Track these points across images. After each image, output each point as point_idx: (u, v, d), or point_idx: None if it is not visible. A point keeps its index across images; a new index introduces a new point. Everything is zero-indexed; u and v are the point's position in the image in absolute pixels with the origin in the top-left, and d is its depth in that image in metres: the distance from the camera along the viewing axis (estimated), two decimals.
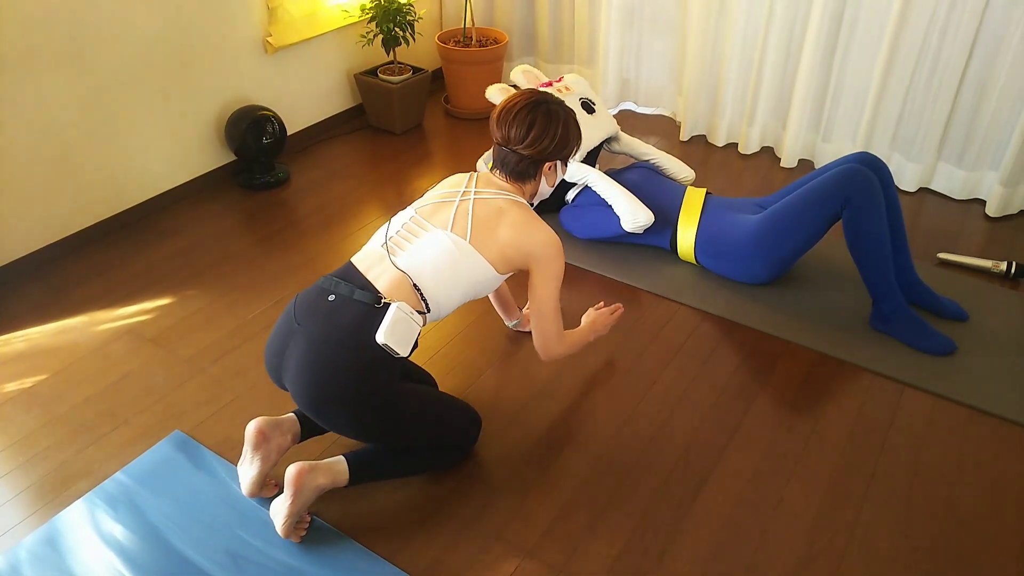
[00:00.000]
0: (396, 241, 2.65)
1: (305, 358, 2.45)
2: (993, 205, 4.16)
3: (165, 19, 3.93)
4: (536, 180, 2.77)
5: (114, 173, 3.97)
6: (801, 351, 3.30)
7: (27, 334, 3.39)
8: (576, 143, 2.79)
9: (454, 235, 2.60)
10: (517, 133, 2.65)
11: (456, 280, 2.60)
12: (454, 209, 2.66)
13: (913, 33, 4.07)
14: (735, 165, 4.75)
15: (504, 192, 2.70)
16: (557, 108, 2.70)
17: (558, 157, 2.75)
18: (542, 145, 2.66)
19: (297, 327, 2.50)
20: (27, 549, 2.52)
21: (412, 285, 2.55)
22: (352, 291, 2.51)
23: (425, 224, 2.66)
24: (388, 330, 2.41)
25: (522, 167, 2.71)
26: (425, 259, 2.58)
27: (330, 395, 2.44)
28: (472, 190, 2.71)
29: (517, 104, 2.68)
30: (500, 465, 2.81)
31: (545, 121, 2.65)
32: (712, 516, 2.63)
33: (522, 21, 5.53)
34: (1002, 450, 2.86)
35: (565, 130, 2.71)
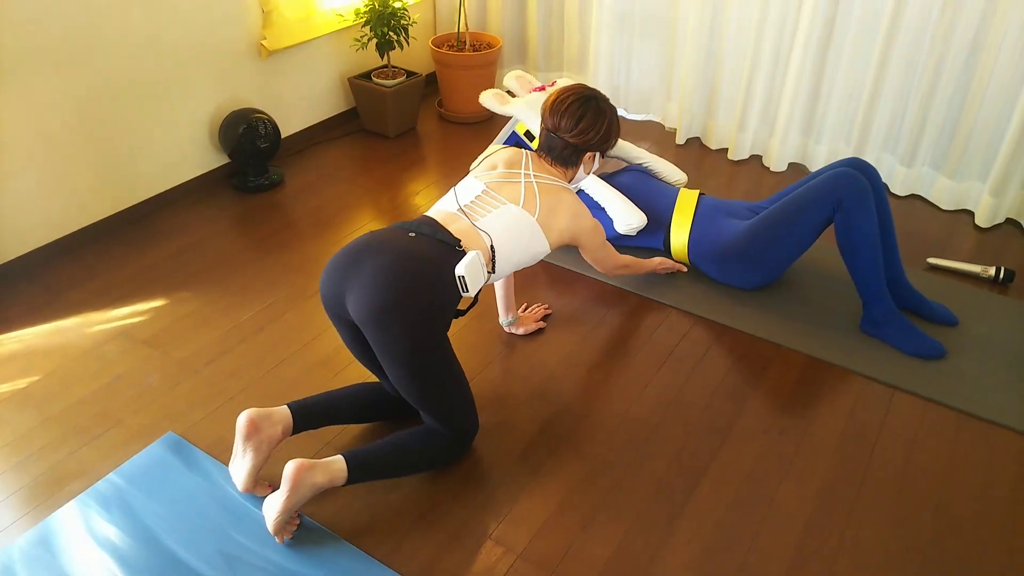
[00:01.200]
0: (472, 207, 2.83)
1: (384, 268, 2.53)
2: (982, 216, 4.18)
3: (160, 22, 3.94)
4: (577, 167, 3.01)
5: (109, 175, 3.98)
6: (792, 355, 3.32)
7: (21, 335, 3.40)
8: (616, 138, 3.03)
9: (525, 211, 2.82)
10: (568, 123, 2.89)
11: (520, 249, 2.82)
12: (522, 188, 2.88)
13: (904, 41, 4.10)
14: (729, 168, 4.76)
15: (556, 178, 2.95)
16: (605, 105, 2.96)
17: (599, 149, 3.00)
18: (588, 136, 2.91)
19: (375, 246, 2.62)
20: (20, 550, 2.52)
21: (489, 245, 2.74)
22: (435, 232, 2.69)
23: (499, 197, 2.85)
24: (468, 266, 2.58)
25: (566, 153, 2.96)
26: (501, 227, 2.78)
27: (401, 306, 2.49)
28: (532, 172, 2.93)
29: (571, 96, 2.92)
30: (493, 466, 2.82)
31: (594, 115, 2.91)
32: (705, 518, 2.64)
33: (513, 28, 5.54)
34: (992, 453, 2.87)
35: (609, 126, 2.96)
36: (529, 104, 3.92)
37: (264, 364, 3.26)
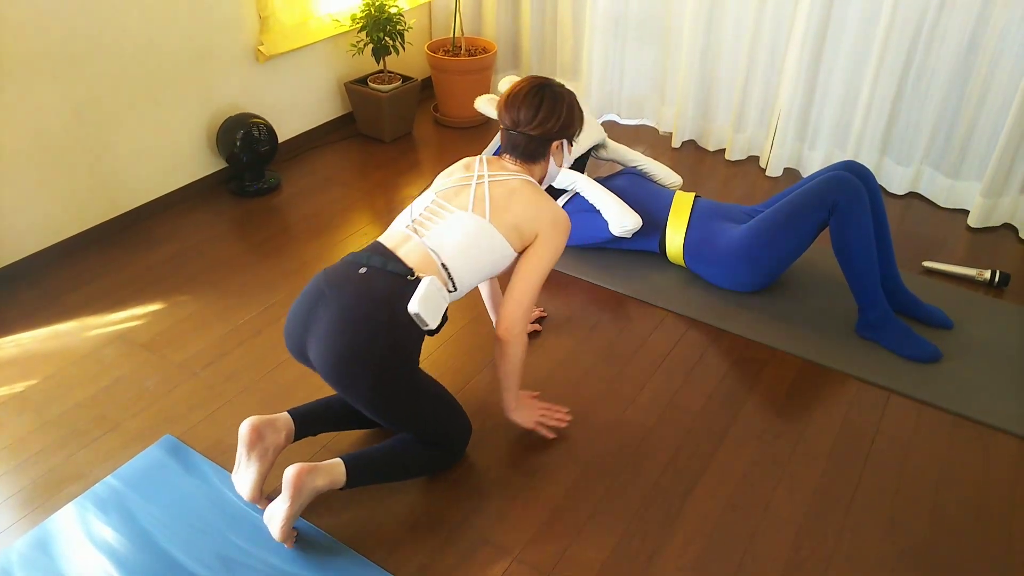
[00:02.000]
0: (420, 222, 2.73)
1: (337, 319, 2.48)
2: (975, 216, 4.20)
3: (158, 27, 3.95)
4: (546, 160, 2.87)
5: (106, 179, 3.99)
6: (788, 358, 3.33)
7: (19, 339, 3.40)
8: (580, 123, 2.90)
9: (475, 215, 2.69)
10: (526, 115, 2.75)
11: (479, 258, 2.68)
12: (472, 191, 2.75)
13: (900, 41, 4.12)
14: (724, 171, 4.78)
15: (516, 173, 2.81)
16: (561, 89, 2.82)
17: (564, 136, 2.85)
18: (549, 125, 2.76)
19: (328, 293, 2.54)
20: (18, 553, 2.52)
21: (440, 264, 2.62)
22: (384, 263, 2.58)
23: (447, 206, 2.74)
24: (420, 300, 2.47)
25: (532, 147, 2.81)
26: (451, 239, 2.65)
27: (358, 357, 2.46)
28: (486, 173, 2.80)
29: (523, 88, 2.78)
30: (489, 470, 2.83)
31: (551, 102, 2.76)
32: (700, 521, 2.64)
33: (507, 34, 5.55)
34: (987, 456, 2.88)
35: (570, 110, 2.81)
36: None
37: (262, 367, 3.27)
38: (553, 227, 2.75)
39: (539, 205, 2.74)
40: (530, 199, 2.74)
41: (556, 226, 2.75)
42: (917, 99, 4.23)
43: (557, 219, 2.75)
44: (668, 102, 5.15)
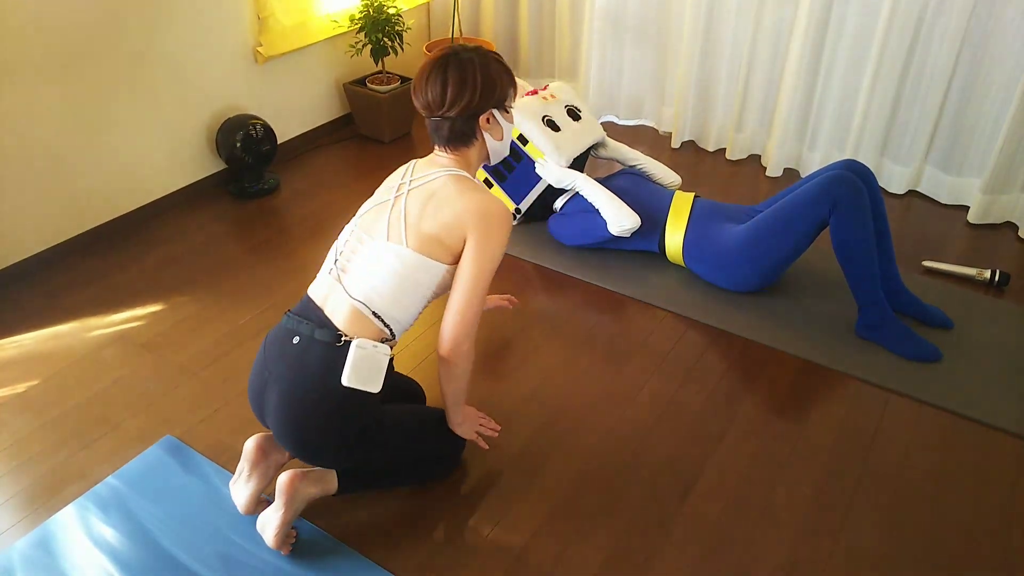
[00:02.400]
0: (343, 266, 2.51)
1: (280, 407, 2.40)
2: (975, 212, 4.21)
3: (157, 29, 3.95)
4: (479, 139, 2.56)
5: (106, 181, 3.99)
6: (787, 358, 3.33)
7: (19, 340, 3.41)
8: (506, 83, 2.53)
9: (392, 245, 2.44)
10: (435, 96, 2.45)
11: (412, 293, 2.46)
12: (389, 212, 2.51)
13: (900, 40, 4.12)
14: (724, 171, 4.78)
15: (441, 169, 2.52)
16: (469, 55, 2.46)
17: (490, 106, 2.51)
18: (465, 99, 2.44)
19: (269, 375, 2.44)
20: (20, 553, 2.53)
21: (371, 313, 2.42)
22: (313, 330, 2.42)
23: (364, 238, 2.52)
24: (351, 373, 2.34)
25: (456, 130, 2.50)
26: (375, 281, 2.43)
27: (311, 440, 2.43)
28: (408, 181, 2.55)
29: (426, 68, 2.47)
30: (488, 471, 2.83)
31: (458, 73, 2.43)
32: (698, 522, 2.65)
33: (505, 34, 5.57)
34: (987, 456, 2.89)
35: (485, 74, 2.46)
36: (521, 108, 3.94)
37: None
38: (482, 221, 2.41)
39: (460, 202, 2.42)
40: (449, 198, 2.44)
41: (486, 219, 2.41)
42: (917, 97, 4.23)
43: (486, 211, 2.41)
44: (667, 102, 5.16)
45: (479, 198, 2.42)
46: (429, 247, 2.43)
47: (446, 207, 2.42)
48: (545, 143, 3.87)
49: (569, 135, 3.93)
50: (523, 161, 4.00)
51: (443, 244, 2.43)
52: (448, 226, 2.41)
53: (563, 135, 3.91)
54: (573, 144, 3.91)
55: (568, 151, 3.87)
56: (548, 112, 3.96)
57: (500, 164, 4.08)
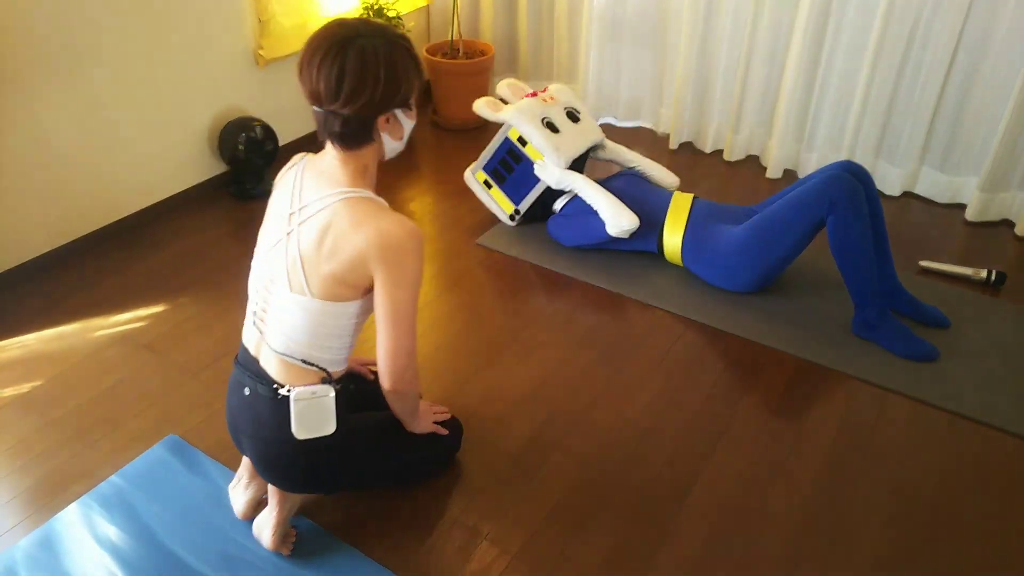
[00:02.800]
0: (260, 315, 2.34)
1: (256, 461, 2.41)
2: (972, 210, 4.23)
3: (158, 32, 3.97)
4: (375, 141, 2.21)
5: (109, 183, 4.01)
6: (785, 358, 3.34)
7: (23, 340, 3.42)
8: (412, 81, 2.16)
9: (295, 296, 2.21)
10: (328, 86, 2.06)
11: (332, 336, 2.28)
12: (285, 259, 2.22)
13: (896, 39, 4.13)
14: (722, 173, 4.80)
15: (332, 192, 2.18)
16: (374, 43, 2.07)
17: (393, 106, 2.15)
18: (363, 97, 2.07)
19: (237, 424, 2.42)
20: (23, 551, 2.54)
21: (299, 361, 2.27)
22: (255, 384, 2.32)
23: (270, 286, 2.28)
24: (299, 428, 2.28)
25: (349, 131, 2.14)
26: (291, 333, 2.25)
27: (296, 483, 2.46)
28: (298, 210, 2.23)
29: (318, 45, 2.10)
30: (487, 470, 2.84)
31: (359, 64, 2.05)
32: (698, 522, 2.66)
33: (504, 36, 5.59)
34: (984, 455, 2.90)
35: (390, 68, 2.08)
36: (520, 110, 3.96)
37: None
38: (386, 254, 2.12)
39: (357, 236, 2.11)
40: (344, 233, 2.13)
41: (389, 251, 2.12)
42: (913, 97, 4.24)
43: (387, 242, 2.11)
44: (665, 104, 5.17)
45: (377, 228, 2.11)
46: (334, 290, 2.19)
47: (343, 244, 2.12)
48: (544, 145, 3.89)
49: (568, 137, 3.95)
50: (522, 162, 4.02)
51: (349, 284, 2.18)
52: (350, 266, 2.14)
53: (562, 137, 3.93)
54: (572, 146, 3.93)
55: (567, 153, 3.89)
56: (547, 114, 3.98)
57: (499, 165, 4.10)
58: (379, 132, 2.18)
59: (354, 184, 2.20)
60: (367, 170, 2.24)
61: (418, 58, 2.18)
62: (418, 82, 2.19)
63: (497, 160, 4.13)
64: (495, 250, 4.03)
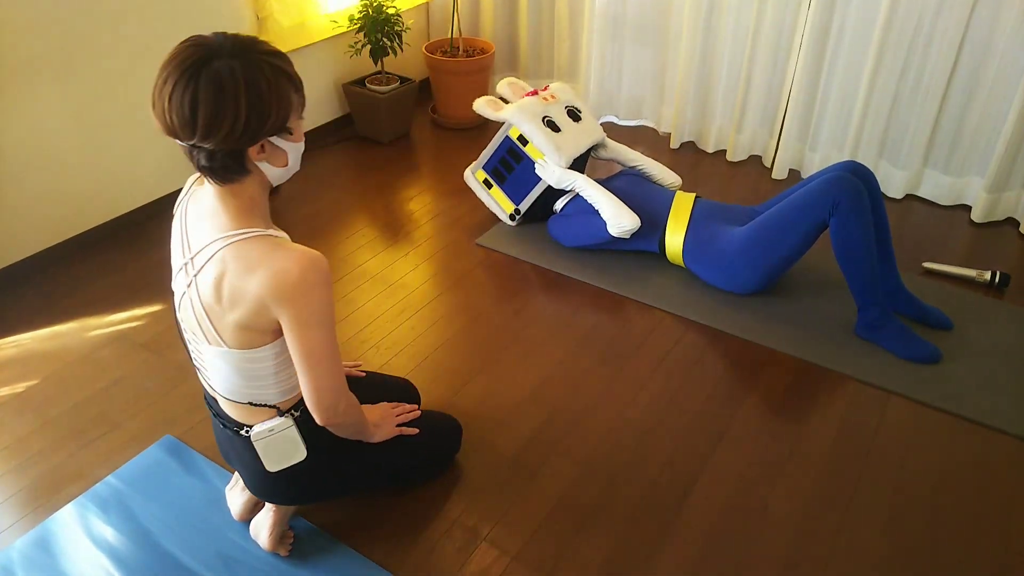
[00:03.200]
0: (199, 363, 2.23)
1: (244, 479, 2.43)
2: (978, 211, 4.22)
3: (156, 30, 3.96)
4: (252, 171, 1.95)
5: (106, 181, 3.99)
6: (786, 359, 3.33)
7: (19, 339, 3.41)
8: (286, 104, 1.88)
9: (214, 348, 2.08)
10: (180, 118, 1.78)
11: (263, 378, 2.16)
12: (193, 313, 2.05)
13: (899, 40, 4.12)
14: (724, 172, 4.78)
15: (217, 239, 1.97)
16: (232, 65, 1.78)
17: (263, 136, 1.87)
18: (222, 130, 1.79)
19: (223, 448, 2.43)
20: (19, 552, 2.53)
21: (246, 402, 2.20)
22: (223, 422, 2.31)
23: (192, 337, 2.14)
24: (268, 462, 2.26)
25: (217, 164, 1.88)
26: (227, 381, 2.16)
27: (291, 501, 2.48)
28: (190, 260, 2.04)
29: (171, 71, 1.78)
30: (487, 470, 2.83)
31: (214, 93, 1.76)
32: (698, 522, 2.65)
33: (505, 35, 5.57)
34: (986, 457, 2.89)
35: (254, 95, 1.79)
36: (521, 108, 3.94)
37: None
38: (283, 297, 1.92)
39: (250, 286, 1.93)
40: (237, 286, 1.94)
41: (286, 293, 1.92)
42: (917, 97, 4.23)
43: (281, 284, 1.91)
44: (667, 103, 5.16)
45: (270, 270, 1.91)
46: (247, 339, 2.04)
47: (240, 294, 1.94)
48: (545, 144, 3.87)
49: (569, 136, 3.93)
50: (523, 162, 4.00)
51: (258, 330, 2.02)
52: (252, 314, 1.97)
53: (563, 136, 3.91)
54: (573, 145, 3.91)
55: (568, 152, 3.87)
56: (548, 113, 3.96)
57: (500, 164, 4.09)
58: (253, 163, 1.93)
59: (240, 223, 1.97)
60: (254, 202, 2.00)
61: (292, 75, 1.90)
62: (297, 101, 1.92)
63: (497, 159, 4.11)
64: (495, 250, 4.02)
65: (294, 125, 1.94)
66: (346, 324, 3.51)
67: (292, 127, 1.94)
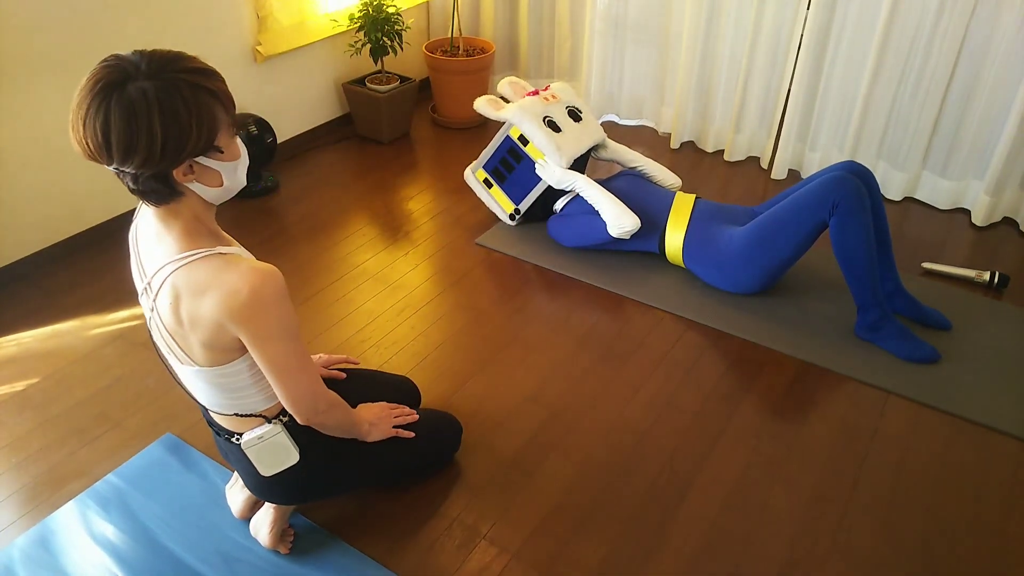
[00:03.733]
0: (180, 379, 2.20)
1: (244, 481, 2.43)
2: (979, 214, 4.22)
3: (156, 28, 3.96)
4: (185, 193, 1.89)
5: (105, 180, 3.99)
6: (785, 359, 3.34)
7: (19, 338, 3.41)
8: (206, 123, 1.79)
9: (187, 367, 2.06)
10: (95, 144, 1.72)
11: (241, 390, 2.14)
12: (160, 337, 2.03)
13: (899, 43, 4.11)
14: (723, 172, 4.79)
15: (165, 262, 1.93)
16: (145, 88, 1.70)
17: (184, 159, 1.79)
18: (138, 156, 1.71)
19: (222, 450, 2.43)
20: (20, 549, 2.53)
21: (232, 414, 2.20)
22: (215, 430, 2.33)
23: (167, 355, 2.11)
24: (261, 467, 2.27)
25: (145, 188, 1.81)
26: (207, 397, 2.16)
27: (290, 502, 2.49)
28: (148, 286, 1.99)
29: (84, 95, 1.73)
30: (487, 469, 2.84)
31: (125, 118, 1.68)
32: (696, 522, 2.65)
33: (505, 34, 5.57)
34: (984, 458, 2.89)
35: (169, 119, 1.71)
36: (522, 108, 3.94)
37: None
38: (239, 312, 1.88)
39: (204, 308, 1.89)
40: (192, 310, 1.90)
41: (241, 312, 1.89)
42: (916, 101, 4.23)
43: (233, 304, 1.88)
44: (667, 103, 5.16)
45: (221, 291, 1.87)
46: (215, 357, 2.00)
47: (197, 316, 1.90)
48: (546, 144, 3.87)
49: (570, 136, 3.93)
50: (523, 161, 4.01)
51: (222, 349, 1.99)
52: (212, 334, 1.93)
53: (564, 136, 3.92)
54: (574, 145, 3.91)
55: (569, 152, 3.88)
56: (549, 113, 3.97)
57: (500, 164, 4.09)
58: (180, 183, 1.84)
59: (185, 245, 1.92)
60: (198, 220, 1.96)
61: (217, 90, 1.82)
62: (226, 119, 1.84)
63: (498, 159, 4.12)
64: (495, 250, 4.02)
65: (224, 143, 1.86)
66: (346, 323, 3.52)
67: (222, 145, 1.85)
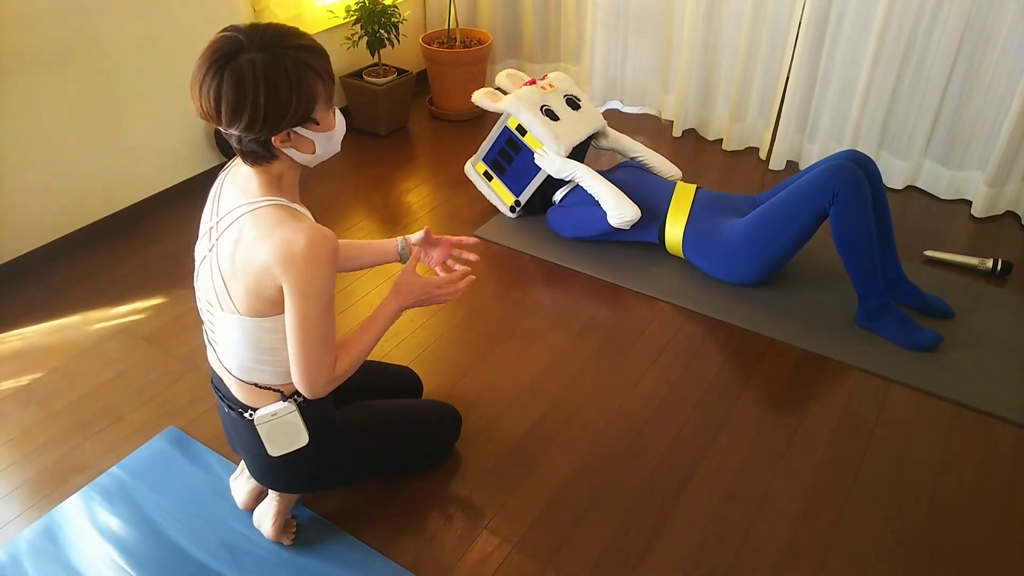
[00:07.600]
0: (212, 337, 2.25)
1: (248, 466, 2.44)
2: (979, 206, 4.21)
3: (153, 23, 3.96)
4: (280, 157, 2.05)
5: (106, 176, 4.00)
6: (786, 349, 3.34)
7: (23, 333, 3.42)
8: (306, 97, 1.93)
9: (228, 316, 2.11)
10: (208, 106, 1.88)
11: (273, 352, 2.17)
12: (211, 278, 2.11)
13: (899, 30, 4.11)
14: (725, 160, 4.79)
15: (244, 202, 2.06)
16: (255, 60, 1.84)
17: (283, 128, 1.95)
18: (242, 123, 1.88)
19: (228, 434, 2.47)
20: (26, 541, 2.55)
21: (252, 384, 2.23)
22: (226, 405, 2.34)
23: (208, 307, 2.18)
24: (271, 447, 2.28)
25: (245, 148, 1.99)
26: (239, 355, 2.18)
27: (294, 489, 2.50)
28: (216, 223, 2.11)
29: (203, 62, 1.87)
30: (487, 461, 2.84)
31: (235, 87, 1.84)
32: (697, 512, 2.66)
33: (506, 21, 5.57)
34: (987, 445, 2.90)
35: (272, 91, 1.86)
36: (519, 98, 3.95)
37: None
38: (287, 264, 1.96)
39: (261, 250, 1.98)
40: (250, 248, 2.00)
41: (290, 261, 1.96)
42: (917, 90, 4.23)
43: (288, 252, 1.96)
44: (670, 91, 5.17)
45: (281, 237, 1.96)
46: (257, 306, 2.07)
47: (251, 258, 2.00)
48: (543, 133, 3.88)
49: (568, 124, 3.94)
50: (522, 152, 4.01)
51: (266, 299, 2.05)
52: (260, 279, 2.01)
53: (562, 124, 3.92)
54: (572, 133, 3.92)
55: (567, 140, 3.88)
56: (546, 102, 3.97)
57: (499, 155, 4.09)
58: (280, 149, 2.01)
59: (265, 193, 2.05)
60: (282, 179, 2.08)
61: (319, 67, 1.94)
62: (324, 93, 1.97)
63: (497, 150, 4.12)
64: (494, 242, 4.03)
65: (320, 116, 1.99)
66: (347, 316, 3.52)
67: (318, 118, 1.99)
